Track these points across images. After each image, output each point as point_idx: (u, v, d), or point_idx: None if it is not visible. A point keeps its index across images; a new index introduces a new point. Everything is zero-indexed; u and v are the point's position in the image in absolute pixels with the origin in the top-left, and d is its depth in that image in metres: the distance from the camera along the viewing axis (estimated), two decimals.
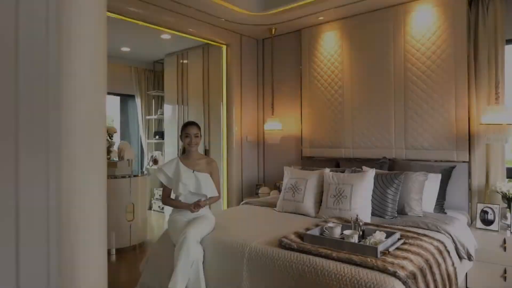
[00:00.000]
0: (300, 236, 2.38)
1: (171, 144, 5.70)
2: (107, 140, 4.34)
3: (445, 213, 3.24)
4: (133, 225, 4.18)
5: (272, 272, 2.19)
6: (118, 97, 6.79)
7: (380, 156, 3.86)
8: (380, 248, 2.05)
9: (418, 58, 3.66)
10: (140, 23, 3.88)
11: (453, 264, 2.33)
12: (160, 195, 6.02)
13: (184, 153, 2.97)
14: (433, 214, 3.11)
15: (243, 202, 3.82)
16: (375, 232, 2.23)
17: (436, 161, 3.54)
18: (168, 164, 2.87)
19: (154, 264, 2.81)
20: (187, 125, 2.91)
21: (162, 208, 6.00)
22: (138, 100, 6.45)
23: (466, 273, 2.94)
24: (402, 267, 1.89)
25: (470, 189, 3.39)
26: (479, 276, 2.94)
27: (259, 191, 4.59)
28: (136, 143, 6.76)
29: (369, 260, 1.94)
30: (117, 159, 4.39)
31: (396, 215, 2.98)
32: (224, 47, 4.74)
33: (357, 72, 4.08)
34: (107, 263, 0.86)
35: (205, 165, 2.92)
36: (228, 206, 4.67)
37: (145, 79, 6.50)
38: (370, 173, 2.99)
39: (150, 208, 6.34)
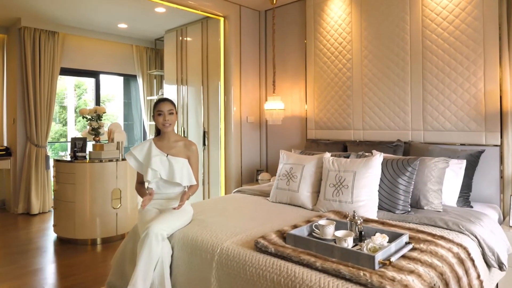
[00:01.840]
0: (283, 235, 1.88)
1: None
2: (96, 121, 3.95)
3: (471, 207, 2.65)
4: (121, 213, 3.80)
5: (243, 281, 1.72)
6: (122, 78, 6.41)
7: (394, 139, 3.26)
8: (379, 256, 1.53)
9: (439, 24, 3.00)
10: None
11: (478, 276, 1.77)
12: None
13: (159, 135, 2.50)
14: (455, 208, 2.52)
15: (235, 190, 3.34)
16: (375, 234, 1.70)
17: (460, 144, 2.92)
18: (139, 147, 2.41)
19: (121, 262, 2.39)
20: (160, 101, 2.43)
21: None
22: (140, 80, 6.04)
23: (497, 285, 2.36)
24: (406, 286, 1.36)
25: (502, 177, 2.76)
26: None
27: (259, 177, 4.10)
28: (139, 125, 6.39)
29: (362, 274, 1.42)
30: (107, 142, 4.00)
31: (409, 209, 2.41)
32: (222, 20, 4.19)
33: (368, 42, 3.45)
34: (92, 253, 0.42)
35: (182, 149, 2.44)
36: (226, 194, 4.22)
37: (147, 58, 6.06)
38: (376, 159, 2.43)
39: None
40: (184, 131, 4.90)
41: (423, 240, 1.81)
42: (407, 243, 1.74)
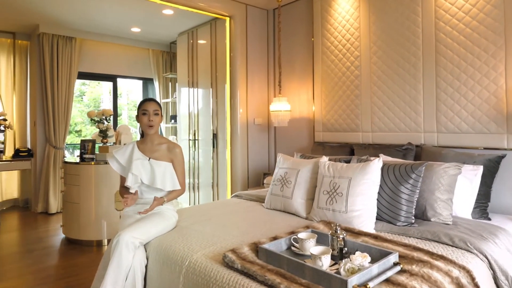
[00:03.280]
0: (257, 249, 1.66)
1: (184, 129, 5.16)
2: (103, 122, 3.90)
3: (489, 219, 2.29)
4: None
5: None
6: (140, 81, 6.42)
7: (405, 141, 2.93)
8: (354, 281, 1.26)
9: (454, 15, 2.64)
10: None
11: None
12: None
13: (143, 136, 2.35)
14: (468, 221, 2.17)
15: (233, 194, 3.14)
16: (354, 253, 1.43)
17: (479, 148, 2.55)
18: (122, 150, 2.27)
19: (106, 268, 2.26)
20: (145, 101, 2.28)
21: None
22: (156, 83, 6.01)
23: None
24: None
25: None
26: None
27: (265, 181, 3.88)
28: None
29: None
30: (114, 144, 3.94)
31: (413, 221, 2.10)
32: (228, 20, 4.02)
33: (377, 37, 3.14)
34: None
35: (165, 152, 2.27)
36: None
37: (162, 62, 6.02)
38: (374, 164, 2.13)
39: None
40: (195, 133, 4.77)
41: (417, 260, 1.52)
42: (395, 264, 1.46)
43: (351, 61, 3.34)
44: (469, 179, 2.29)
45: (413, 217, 2.11)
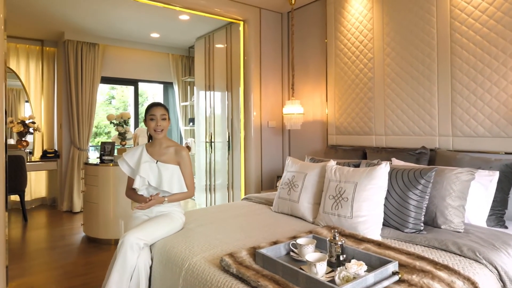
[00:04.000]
0: (255, 253, 1.64)
1: (202, 131, 5.21)
2: (122, 125, 4.00)
3: (506, 227, 2.16)
4: None
5: None
6: (161, 85, 6.55)
7: (419, 145, 2.83)
8: None
9: (470, 14, 2.52)
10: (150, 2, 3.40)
11: None
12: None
13: (151, 140, 2.39)
14: (482, 229, 2.06)
15: (243, 197, 3.13)
16: (350, 261, 1.39)
17: (499, 153, 2.42)
18: (131, 152, 2.32)
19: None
20: (152, 106, 2.31)
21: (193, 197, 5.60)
22: (175, 87, 6.11)
23: None
24: None
25: None
26: None
27: (278, 184, 3.84)
28: (176, 130, 6.47)
29: None
30: (132, 146, 4.03)
31: (422, 228, 2.01)
32: (241, 24, 4.03)
33: (390, 39, 3.05)
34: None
35: (173, 155, 2.30)
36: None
37: (182, 66, 6.11)
38: (381, 168, 2.06)
39: None
40: (211, 136, 4.81)
41: (418, 270, 1.45)
42: (394, 273, 1.40)
43: (364, 63, 3.26)
44: (484, 185, 2.17)
45: (422, 224, 2.02)
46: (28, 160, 5.02)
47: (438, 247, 1.78)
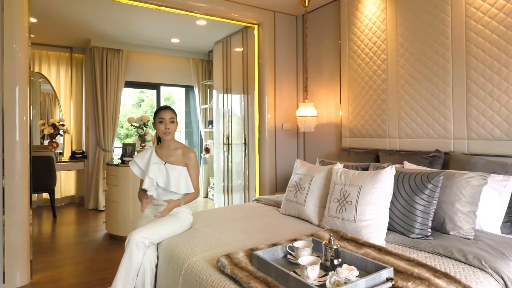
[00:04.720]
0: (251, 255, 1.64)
1: (220, 133, 5.28)
2: (142, 128, 4.13)
3: None
4: None
5: None
6: (183, 89, 6.69)
7: (433, 148, 2.72)
8: None
9: (486, 12, 2.41)
10: (163, 8, 3.50)
11: None
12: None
13: (160, 142, 2.45)
14: (493, 236, 1.95)
15: (254, 199, 3.14)
16: (342, 266, 1.36)
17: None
18: (141, 155, 2.39)
19: None
20: (161, 109, 2.37)
21: (212, 195, 5.68)
22: (196, 90, 6.22)
23: None
24: None
25: None
26: None
27: None
28: (196, 132, 6.58)
29: None
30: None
31: (429, 233, 1.94)
32: (256, 28, 4.05)
33: (404, 39, 2.96)
34: None
35: (180, 157, 2.35)
36: None
37: (202, 70, 6.22)
38: (386, 172, 2.01)
39: (206, 196, 6.11)
40: (228, 138, 4.86)
41: (415, 277, 1.40)
42: (388, 280, 1.36)
43: (378, 65, 3.19)
44: (497, 190, 2.06)
45: (429, 230, 1.95)
46: (58, 160, 5.28)
47: (443, 254, 1.71)
